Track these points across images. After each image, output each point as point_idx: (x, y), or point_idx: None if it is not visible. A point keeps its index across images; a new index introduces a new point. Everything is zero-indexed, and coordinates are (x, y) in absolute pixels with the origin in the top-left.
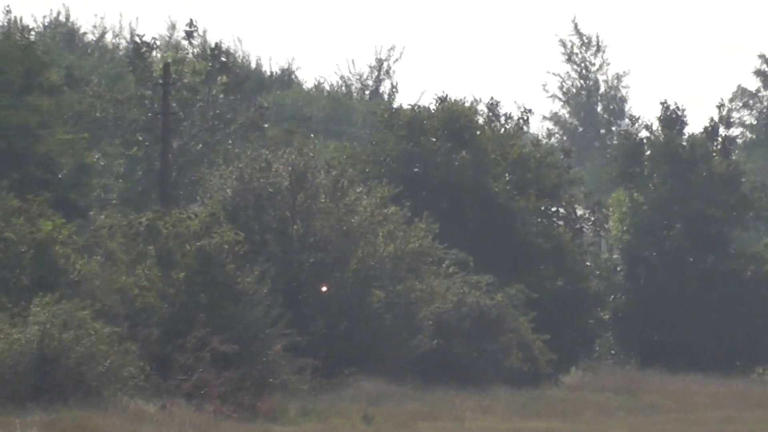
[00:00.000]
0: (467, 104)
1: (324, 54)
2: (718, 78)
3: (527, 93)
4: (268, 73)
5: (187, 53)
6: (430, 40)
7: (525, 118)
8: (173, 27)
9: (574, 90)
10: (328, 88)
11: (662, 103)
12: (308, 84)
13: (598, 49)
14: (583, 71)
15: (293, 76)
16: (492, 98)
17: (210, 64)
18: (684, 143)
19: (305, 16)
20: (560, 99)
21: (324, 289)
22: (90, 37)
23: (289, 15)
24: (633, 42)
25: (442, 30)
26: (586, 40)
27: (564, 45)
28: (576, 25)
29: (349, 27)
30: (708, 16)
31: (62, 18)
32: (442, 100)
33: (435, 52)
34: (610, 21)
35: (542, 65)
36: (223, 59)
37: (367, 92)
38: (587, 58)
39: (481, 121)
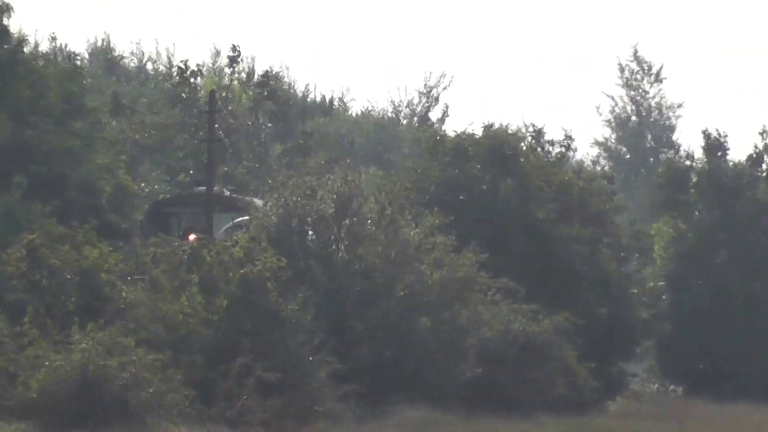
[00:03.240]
0: (512, 131)
1: (375, 81)
2: (762, 105)
3: (579, 118)
4: (316, 100)
5: (233, 80)
6: (482, 64)
7: (568, 144)
8: (218, 53)
9: (624, 116)
10: (375, 114)
11: (704, 132)
12: (357, 110)
13: (657, 78)
14: (637, 98)
15: (341, 103)
16: (534, 125)
17: (256, 91)
18: (729, 171)
19: (357, 43)
20: (610, 125)
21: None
22: (129, 63)
23: (339, 42)
24: (684, 71)
25: (495, 54)
26: (646, 68)
27: (622, 70)
28: (636, 52)
29: (400, 54)
30: (754, 45)
31: (101, 43)
32: (488, 127)
33: (487, 76)
34: (666, 50)
35: (597, 88)
36: (270, 87)
37: (415, 119)
38: (642, 86)
39: (525, 147)
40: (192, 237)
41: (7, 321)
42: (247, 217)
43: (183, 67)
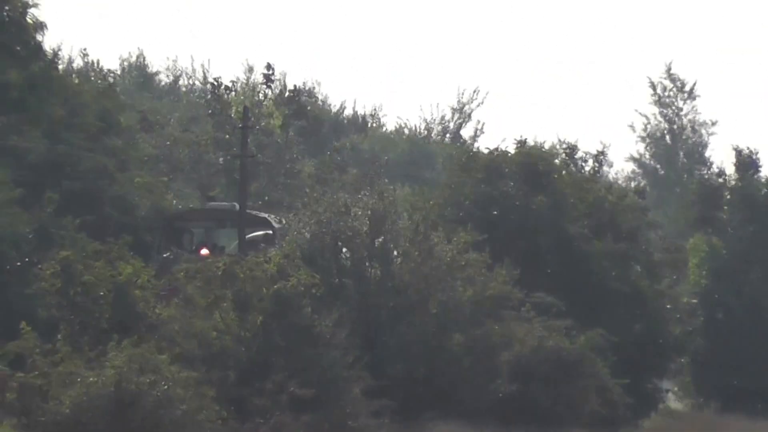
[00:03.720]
0: (545, 147)
1: (408, 97)
2: None
3: (612, 135)
4: (349, 117)
5: (266, 96)
6: (514, 81)
7: (600, 161)
8: (251, 69)
9: (658, 133)
10: (407, 131)
11: (735, 148)
12: (390, 127)
13: (690, 95)
14: (670, 115)
15: (374, 120)
16: (566, 141)
17: (287, 107)
18: (761, 187)
19: (390, 60)
20: (644, 141)
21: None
22: (164, 79)
23: (373, 59)
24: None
25: (527, 71)
26: (679, 85)
27: (654, 87)
28: (669, 69)
29: (433, 71)
30: None
31: (135, 59)
32: (521, 143)
33: (519, 93)
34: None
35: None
36: (299, 103)
37: (448, 135)
38: (676, 103)
39: (558, 163)
40: (205, 251)
41: (39, 338)
42: (260, 233)
43: (215, 83)
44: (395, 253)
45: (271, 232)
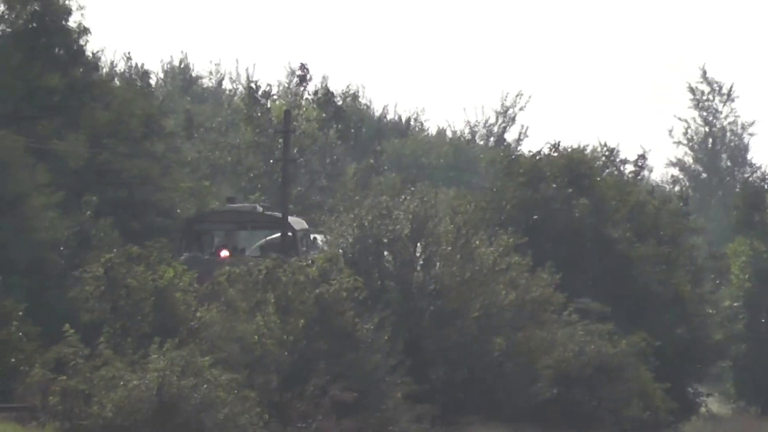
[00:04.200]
0: (587, 151)
1: (452, 101)
2: None
3: (654, 137)
4: (393, 120)
5: (305, 100)
6: (558, 84)
7: (641, 164)
8: (293, 73)
9: (699, 137)
10: (450, 134)
11: None
12: (432, 131)
13: (728, 97)
14: (710, 118)
15: (417, 123)
16: (608, 145)
17: (323, 111)
18: None
19: (435, 64)
20: (684, 145)
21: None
22: (207, 83)
23: (417, 63)
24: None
25: (571, 75)
26: (716, 88)
27: (693, 91)
28: (704, 73)
29: (476, 75)
30: None
31: (178, 63)
32: (555, 147)
33: (563, 97)
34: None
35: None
36: (336, 106)
37: (492, 138)
38: (714, 106)
39: (599, 166)
40: (224, 253)
41: (81, 341)
42: (278, 234)
43: (254, 87)
44: (437, 256)
45: (290, 233)
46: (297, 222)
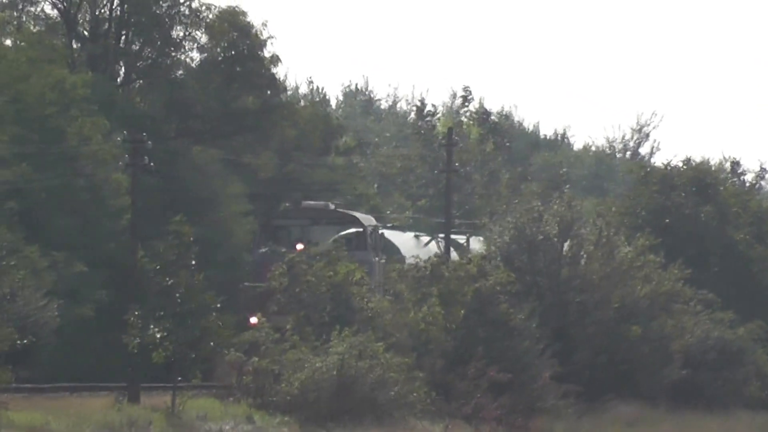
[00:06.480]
0: (712, 164)
1: (594, 119)
2: None
3: None
4: (543, 137)
5: (466, 118)
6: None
7: (762, 175)
8: (454, 95)
9: None
10: (594, 148)
11: None
12: (578, 145)
13: None
14: None
15: (564, 138)
16: (730, 157)
17: (481, 128)
18: None
19: (579, 85)
20: None
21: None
22: (384, 104)
23: (563, 84)
24: None
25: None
26: None
27: None
28: None
29: (615, 95)
30: None
31: (354, 87)
32: (686, 161)
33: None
34: None
35: None
36: (494, 124)
37: (628, 152)
38: None
39: (724, 177)
40: (299, 247)
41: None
42: (352, 230)
43: (420, 105)
44: (582, 255)
45: (361, 229)
46: (366, 219)
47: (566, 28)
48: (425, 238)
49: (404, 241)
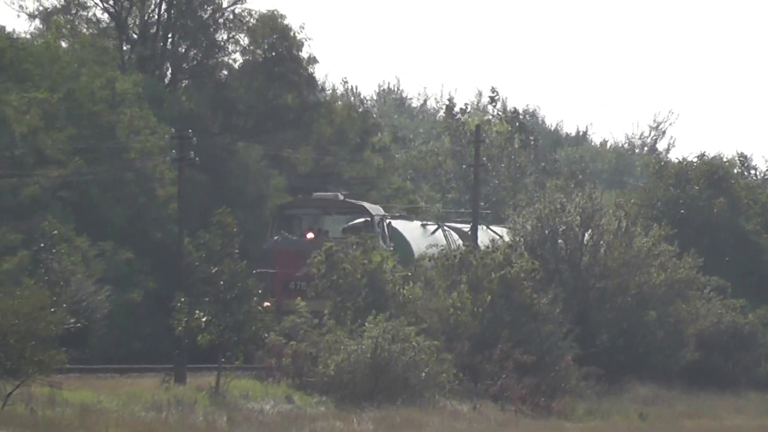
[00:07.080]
0: (724, 158)
1: (613, 116)
2: None
3: None
4: (565, 133)
5: (494, 117)
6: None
7: None
8: (480, 94)
9: None
10: (612, 143)
11: None
12: (597, 141)
13: None
14: None
15: (586, 135)
16: (741, 152)
17: (509, 125)
18: None
19: (600, 85)
20: None
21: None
22: (415, 103)
23: (585, 84)
24: None
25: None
26: None
27: None
28: None
29: (635, 95)
30: None
31: (388, 86)
32: (700, 156)
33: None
34: None
35: None
36: (520, 121)
37: (645, 148)
38: None
39: (736, 171)
40: (310, 235)
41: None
42: (361, 219)
43: (449, 103)
44: (602, 243)
45: (369, 219)
46: (374, 208)
47: (588, 31)
48: (432, 227)
49: (411, 229)
